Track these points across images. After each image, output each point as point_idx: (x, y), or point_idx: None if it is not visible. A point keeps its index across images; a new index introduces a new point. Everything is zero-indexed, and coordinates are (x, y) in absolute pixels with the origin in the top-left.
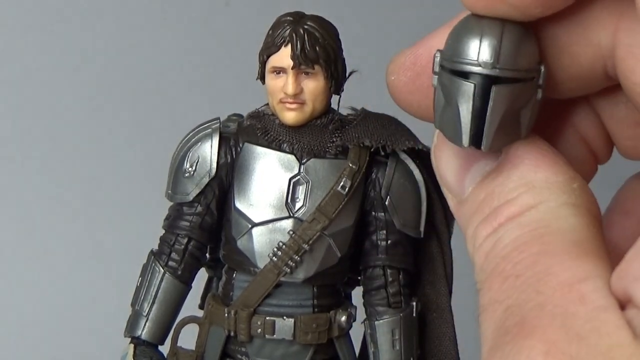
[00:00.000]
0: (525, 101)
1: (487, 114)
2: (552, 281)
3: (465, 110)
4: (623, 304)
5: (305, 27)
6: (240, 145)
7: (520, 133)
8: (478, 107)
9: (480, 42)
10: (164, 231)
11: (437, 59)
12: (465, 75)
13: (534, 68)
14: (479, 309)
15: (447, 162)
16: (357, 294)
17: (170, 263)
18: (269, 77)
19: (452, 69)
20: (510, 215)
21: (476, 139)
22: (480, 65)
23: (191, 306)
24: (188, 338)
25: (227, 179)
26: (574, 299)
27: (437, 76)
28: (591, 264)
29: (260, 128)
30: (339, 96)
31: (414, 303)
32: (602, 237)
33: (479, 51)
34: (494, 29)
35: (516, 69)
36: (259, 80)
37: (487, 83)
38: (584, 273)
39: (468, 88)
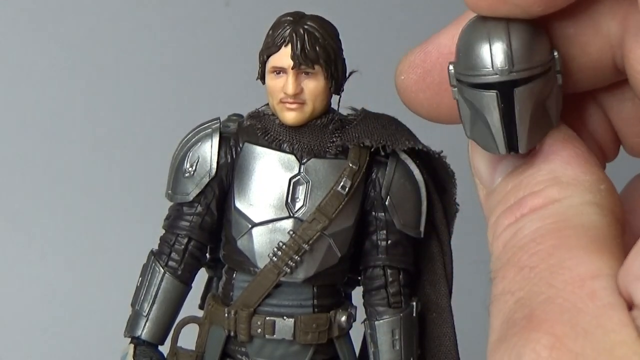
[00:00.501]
0: (548, 92)
1: (516, 117)
2: (564, 275)
3: (495, 119)
4: (630, 303)
5: (306, 27)
6: (241, 145)
7: (551, 123)
8: (505, 113)
9: (491, 49)
10: (164, 231)
11: (452, 72)
12: (485, 86)
13: (548, 59)
14: (490, 299)
15: (481, 153)
16: (357, 294)
17: (171, 263)
18: (269, 77)
19: (470, 82)
20: (534, 206)
21: (512, 144)
22: (497, 74)
23: (191, 306)
24: (188, 338)
25: (227, 179)
26: (583, 295)
27: (456, 89)
28: (605, 261)
29: (261, 128)
30: (339, 96)
31: (414, 303)
32: (622, 239)
33: (491, 59)
34: (501, 32)
35: (532, 66)
36: (259, 80)
37: (508, 88)
38: (597, 270)
39: (491, 98)
